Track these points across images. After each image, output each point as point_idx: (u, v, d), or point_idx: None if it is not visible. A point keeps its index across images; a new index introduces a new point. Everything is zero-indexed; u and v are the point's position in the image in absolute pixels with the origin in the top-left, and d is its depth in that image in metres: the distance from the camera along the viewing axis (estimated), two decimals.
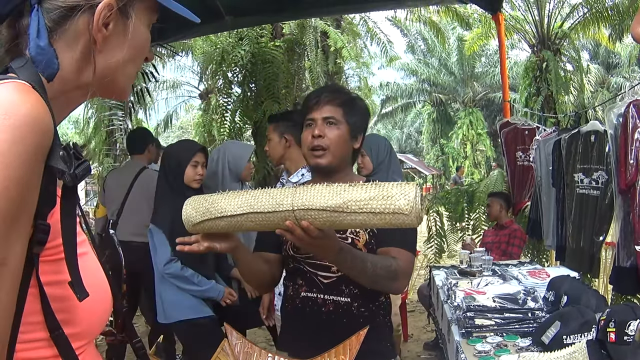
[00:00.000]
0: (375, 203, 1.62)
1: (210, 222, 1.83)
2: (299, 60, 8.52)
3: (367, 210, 1.63)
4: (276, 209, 1.72)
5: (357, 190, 1.65)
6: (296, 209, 1.69)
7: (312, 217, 1.69)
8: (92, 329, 1.07)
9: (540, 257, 6.33)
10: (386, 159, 4.06)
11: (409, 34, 28.48)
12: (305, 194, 1.70)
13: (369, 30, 15.29)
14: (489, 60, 28.46)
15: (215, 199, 1.83)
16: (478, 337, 2.88)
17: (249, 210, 1.75)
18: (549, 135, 5.56)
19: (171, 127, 28.53)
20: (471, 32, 18.24)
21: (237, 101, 8.08)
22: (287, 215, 1.71)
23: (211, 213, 1.82)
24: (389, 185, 1.65)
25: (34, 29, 0.97)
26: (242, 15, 6.42)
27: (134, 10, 1.09)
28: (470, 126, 28.05)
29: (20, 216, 0.87)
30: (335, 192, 1.67)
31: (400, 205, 1.60)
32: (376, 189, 1.64)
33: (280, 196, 1.73)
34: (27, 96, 0.90)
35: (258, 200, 1.76)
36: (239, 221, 1.79)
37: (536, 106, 11.98)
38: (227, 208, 1.79)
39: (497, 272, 4.04)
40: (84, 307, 1.01)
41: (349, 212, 1.65)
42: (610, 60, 27.14)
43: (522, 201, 6.63)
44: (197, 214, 1.85)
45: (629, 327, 2.13)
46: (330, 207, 1.66)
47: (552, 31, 13.36)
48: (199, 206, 1.85)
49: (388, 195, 1.62)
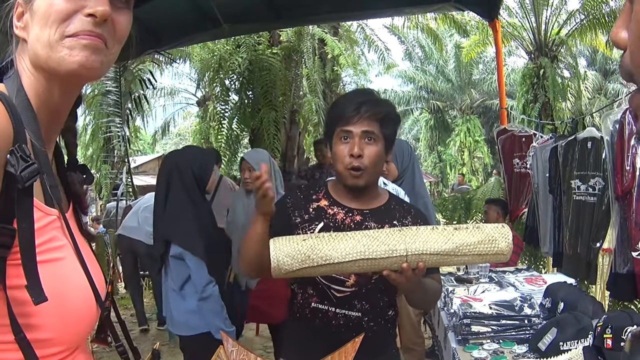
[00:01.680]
0: (482, 247, 1.79)
1: (311, 269, 1.77)
2: (297, 68, 8.54)
3: (474, 253, 1.80)
4: (390, 254, 1.76)
5: (465, 235, 1.79)
6: (409, 254, 1.76)
7: (424, 260, 1.79)
8: (66, 336, 1.05)
9: (537, 264, 6.33)
10: (410, 164, 4.06)
11: (406, 41, 28.53)
12: (417, 239, 1.78)
13: (366, 37, 15.34)
14: (487, 67, 28.52)
15: (314, 245, 1.76)
16: (475, 344, 2.87)
17: (359, 257, 1.75)
18: (546, 142, 5.56)
19: (169, 134, 28.59)
20: (468, 39, 18.31)
21: (235, 108, 8.10)
22: (400, 259, 1.77)
23: (313, 260, 1.75)
24: (489, 229, 1.82)
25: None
26: (240, 23, 6.44)
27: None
28: (468, 133, 28.09)
29: None
30: (446, 237, 1.78)
31: (502, 247, 1.80)
32: (480, 233, 1.80)
33: (392, 241, 1.77)
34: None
35: (367, 246, 1.76)
36: (345, 266, 1.77)
37: (533, 113, 12.03)
38: (333, 255, 1.75)
39: (494, 278, 4.03)
40: (53, 313, 1.00)
41: (459, 255, 1.79)
42: (608, 66, 27.18)
43: (519, 208, 6.63)
44: (295, 262, 1.76)
45: (625, 334, 2.13)
46: (444, 252, 1.77)
47: (549, 38, 13.42)
48: (295, 253, 1.76)
49: (492, 239, 1.79)
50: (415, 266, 1.78)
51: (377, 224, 2.13)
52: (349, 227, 2.12)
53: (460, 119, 28.94)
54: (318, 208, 2.20)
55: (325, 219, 2.15)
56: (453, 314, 3.17)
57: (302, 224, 2.16)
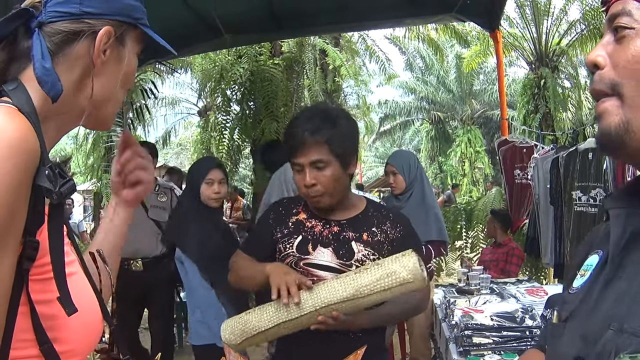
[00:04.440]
0: (382, 282, 1.88)
1: (250, 339, 2.01)
2: (298, 79, 8.54)
3: (379, 290, 1.89)
4: (303, 313, 1.93)
5: (364, 276, 1.90)
6: (319, 308, 1.92)
7: (335, 309, 1.92)
8: (83, 348, 1.08)
9: (539, 275, 6.33)
10: (417, 175, 4.07)
11: (407, 52, 28.57)
12: (322, 292, 1.93)
13: (367, 48, 15.36)
14: (487, 77, 28.51)
15: (246, 319, 2.01)
16: (476, 355, 2.86)
17: (281, 321, 1.95)
18: (547, 153, 5.57)
19: (170, 144, 28.57)
20: (469, 49, 18.32)
21: (236, 119, 8.09)
22: (314, 314, 1.93)
23: (247, 332, 1.99)
24: (389, 262, 1.92)
25: (38, 51, 1.02)
26: (241, 33, 6.46)
27: (129, 38, 1.15)
28: (469, 144, 28.06)
29: (8, 233, 0.89)
30: (347, 283, 1.91)
31: (403, 277, 1.87)
32: (379, 270, 1.90)
33: (303, 300, 1.94)
34: (14, 119, 0.94)
35: (284, 310, 1.95)
36: (274, 331, 1.98)
37: (534, 123, 12.04)
38: (260, 324, 1.97)
39: (495, 290, 4.02)
40: (73, 326, 1.02)
41: (364, 297, 1.90)
42: None
43: (520, 219, 6.63)
44: (236, 337, 2.01)
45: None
46: (347, 298, 1.90)
47: (550, 48, 13.45)
48: (235, 329, 2.02)
49: (391, 272, 1.88)
50: (330, 316, 1.92)
51: (355, 233, 2.21)
52: (327, 239, 2.20)
53: (461, 130, 28.92)
54: (297, 222, 2.27)
55: (304, 232, 2.23)
56: (454, 325, 3.17)
57: (283, 239, 2.25)
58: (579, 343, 0.93)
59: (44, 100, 1.04)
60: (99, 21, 1.09)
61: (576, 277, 1.05)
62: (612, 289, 0.92)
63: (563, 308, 1.05)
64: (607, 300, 0.92)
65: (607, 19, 0.93)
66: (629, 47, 0.88)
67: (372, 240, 2.21)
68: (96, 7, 1.08)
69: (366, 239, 2.21)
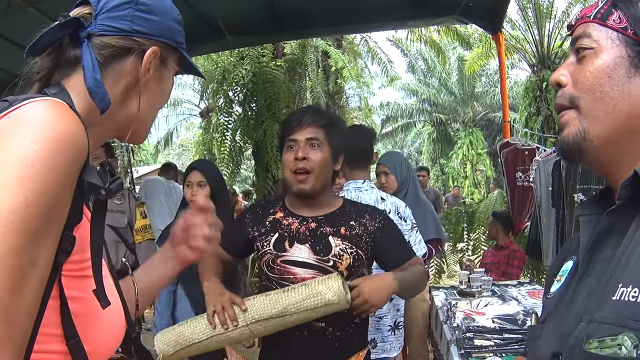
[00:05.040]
0: (308, 302, 1.97)
1: (182, 350, 2.09)
2: (300, 80, 8.55)
3: (305, 309, 1.98)
4: (234, 328, 2.03)
5: (292, 295, 2.00)
6: (249, 323, 2.02)
7: (265, 325, 2.02)
8: (103, 351, 1.08)
9: (540, 278, 6.31)
10: (409, 175, 4.11)
11: (409, 54, 28.58)
12: (253, 308, 2.02)
13: (369, 50, 15.39)
14: (489, 80, 28.51)
15: (180, 331, 2.10)
16: (477, 357, 2.86)
17: (212, 335, 2.05)
18: (549, 156, 5.56)
19: (171, 145, 28.59)
20: (471, 51, 18.33)
21: (238, 120, 8.09)
22: (245, 330, 2.03)
23: (180, 344, 2.07)
24: (315, 284, 2.00)
25: (89, 62, 1.05)
26: (244, 35, 6.47)
27: (170, 60, 1.19)
28: (471, 146, 28.04)
29: (53, 222, 0.91)
30: (276, 301, 2.01)
31: (328, 297, 1.96)
32: (306, 290, 1.99)
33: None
34: (65, 113, 0.96)
35: (216, 323, 2.05)
36: (206, 343, 2.07)
37: (536, 126, 12.03)
38: (193, 337, 2.06)
39: (497, 292, 4.02)
40: (97, 326, 1.04)
41: (291, 314, 1.99)
42: None
43: (521, 221, 6.62)
44: (169, 347, 2.08)
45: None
46: (275, 315, 1.99)
47: (552, 50, 13.42)
48: (168, 340, 2.09)
49: (317, 292, 1.97)
50: (262, 333, 2.07)
51: (332, 228, 2.24)
52: (304, 235, 2.24)
53: (463, 132, 28.90)
54: (274, 220, 2.32)
55: (281, 229, 2.28)
56: (456, 327, 3.17)
57: (260, 237, 2.30)
58: (555, 340, 1.00)
59: (87, 109, 1.06)
60: (147, 40, 1.13)
61: (553, 283, 1.14)
62: (584, 287, 0.99)
63: (542, 312, 1.15)
64: (579, 297, 0.99)
65: (570, 42, 1.09)
66: (587, 65, 1.02)
67: (350, 233, 2.24)
68: (146, 27, 1.13)
69: (344, 232, 2.24)
